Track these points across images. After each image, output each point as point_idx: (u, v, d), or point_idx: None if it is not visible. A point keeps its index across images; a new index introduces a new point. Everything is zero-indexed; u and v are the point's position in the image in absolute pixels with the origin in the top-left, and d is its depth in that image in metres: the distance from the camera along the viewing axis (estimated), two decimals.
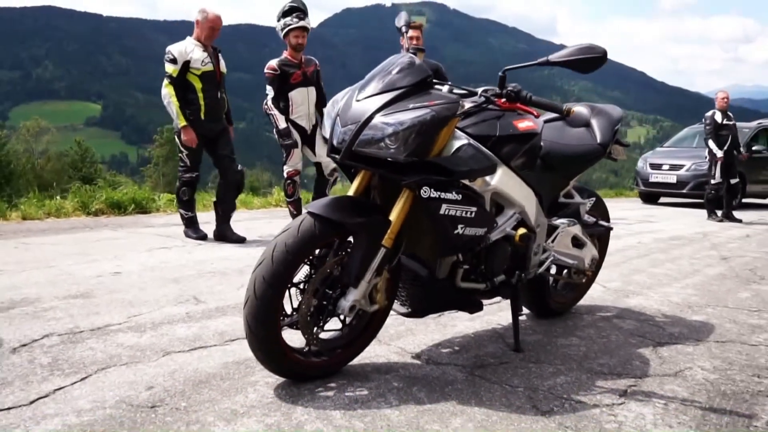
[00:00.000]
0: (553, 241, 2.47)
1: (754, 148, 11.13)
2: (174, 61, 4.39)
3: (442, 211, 1.85)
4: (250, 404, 1.75)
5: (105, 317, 2.51)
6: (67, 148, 46.76)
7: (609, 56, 1.96)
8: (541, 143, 2.30)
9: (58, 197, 5.93)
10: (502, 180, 2.04)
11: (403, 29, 2.34)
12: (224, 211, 4.67)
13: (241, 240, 4.58)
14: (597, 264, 2.89)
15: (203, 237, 4.65)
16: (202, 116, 4.47)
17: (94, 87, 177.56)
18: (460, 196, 1.89)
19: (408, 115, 1.77)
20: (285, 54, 4.85)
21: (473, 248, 2.04)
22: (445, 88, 1.97)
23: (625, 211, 9.04)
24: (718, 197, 8.29)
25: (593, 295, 3.33)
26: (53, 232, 4.71)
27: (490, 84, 2.10)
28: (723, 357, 2.42)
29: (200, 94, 4.46)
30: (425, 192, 1.82)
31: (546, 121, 2.56)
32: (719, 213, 8.27)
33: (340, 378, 1.97)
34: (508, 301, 2.38)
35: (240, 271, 3.53)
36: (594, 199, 2.69)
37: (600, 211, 2.77)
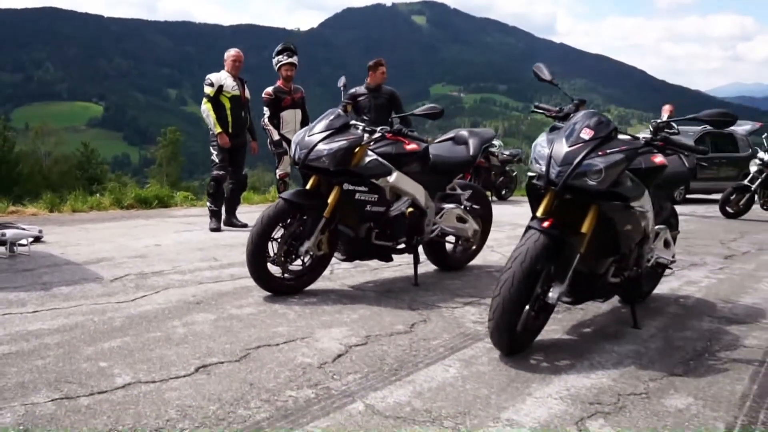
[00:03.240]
0: (441, 218, 3.91)
1: None
2: (211, 84, 5.82)
3: (356, 197, 3.31)
4: (249, 303, 3.21)
5: (158, 267, 3.97)
6: (70, 149, 48.08)
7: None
8: (430, 156, 3.75)
9: (98, 195, 7.39)
10: (396, 179, 3.48)
11: (342, 90, 3.79)
12: (232, 204, 6.12)
13: (244, 225, 6.03)
14: (481, 235, 4.33)
15: (215, 230, 5.73)
16: (230, 129, 5.88)
17: (96, 88, 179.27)
18: (368, 188, 3.34)
19: (336, 144, 3.23)
20: (278, 83, 6.31)
21: (379, 219, 3.48)
22: (360, 127, 3.43)
23: None
24: None
25: (491, 260, 4.77)
26: (100, 221, 6.17)
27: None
28: None
29: (228, 113, 5.88)
30: (346, 186, 3.28)
31: (439, 142, 4.03)
32: None
33: (301, 294, 3.42)
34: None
35: (243, 245, 4.95)
36: (471, 191, 4.13)
37: (478, 198, 4.20)
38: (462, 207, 4.03)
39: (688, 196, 12.42)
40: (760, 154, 9.45)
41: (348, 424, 1.87)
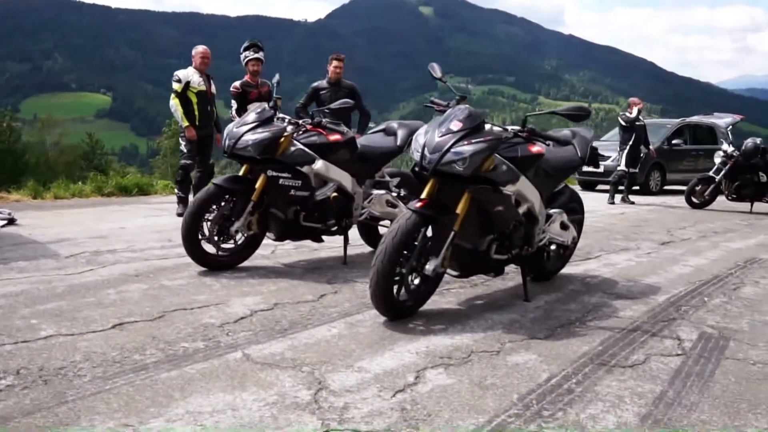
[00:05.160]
0: (369, 203, 4.28)
1: (674, 142, 12.80)
2: (179, 81, 6.25)
3: (280, 182, 3.69)
4: (183, 276, 3.61)
5: (114, 246, 4.39)
6: (77, 140, 48.85)
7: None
8: (357, 145, 4.11)
9: (80, 183, 7.83)
10: (320, 167, 3.86)
11: (275, 86, 4.16)
12: (199, 191, 6.52)
13: None
14: None
15: (182, 215, 6.23)
16: (196, 123, 6.29)
17: (103, 79, 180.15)
18: (291, 174, 3.72)
19: (260, 135, 3.61)
20: (246, 77, 6.69)
21: (305, 203, 3.86)
22: (286, 120, 3.80)
23: None
24: (620, 182, 10.07)
25: None
26: (78, 207, 6.60)
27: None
28: None
29: (195, 107, 6.31)
30: (270, 173, 3.66)
31: (371, 133, 4.40)
32: (618, 196, 10.04)
33: (235, 269, 3.81)
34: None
35: None
36: (399, 178, 4.49)
37: (408, 185, 4.56)
38: (391, 193, 4.39)
39: (665, 187, 12.69)
40: (724, 146, 9.73)
41: (220, 367, 2.27)
